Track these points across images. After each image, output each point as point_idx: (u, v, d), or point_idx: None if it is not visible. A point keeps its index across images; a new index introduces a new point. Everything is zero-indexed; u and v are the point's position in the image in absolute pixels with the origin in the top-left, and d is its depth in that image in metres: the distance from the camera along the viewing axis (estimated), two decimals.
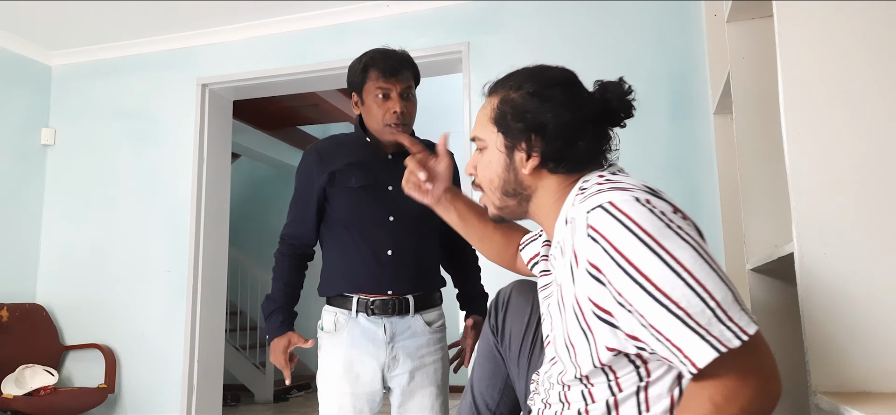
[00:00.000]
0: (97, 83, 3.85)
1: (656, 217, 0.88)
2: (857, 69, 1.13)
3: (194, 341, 3.41)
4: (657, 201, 0.90)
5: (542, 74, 1.11)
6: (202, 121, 3.60)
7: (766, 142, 1.71)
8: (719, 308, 0.83)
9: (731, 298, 0.83)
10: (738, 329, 0.82)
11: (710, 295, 0.83)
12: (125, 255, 3.61)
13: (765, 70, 1.73)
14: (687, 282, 0.84)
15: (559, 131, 1.06)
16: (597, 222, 0.90)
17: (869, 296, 1.08)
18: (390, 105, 1.70)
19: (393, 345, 1.71)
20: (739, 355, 0.83)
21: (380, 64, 1.70)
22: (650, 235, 0.86)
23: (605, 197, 0.91)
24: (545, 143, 1.06)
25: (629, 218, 0.88)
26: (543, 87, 1.08)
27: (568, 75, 1.11)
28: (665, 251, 0.85)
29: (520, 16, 3.10)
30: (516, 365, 1.34)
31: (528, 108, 1.07)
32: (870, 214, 1.09)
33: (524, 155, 1.08)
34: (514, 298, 1.38)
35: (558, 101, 1.07)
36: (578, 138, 1.06)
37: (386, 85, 1.70)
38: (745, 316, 0.83)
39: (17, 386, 3.17)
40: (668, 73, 2.85)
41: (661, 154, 2.80)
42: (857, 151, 1.11)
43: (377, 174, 1.76)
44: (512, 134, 1.09)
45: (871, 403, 0.96)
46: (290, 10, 3.40)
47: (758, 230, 1.70)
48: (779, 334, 1.60)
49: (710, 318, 0.82)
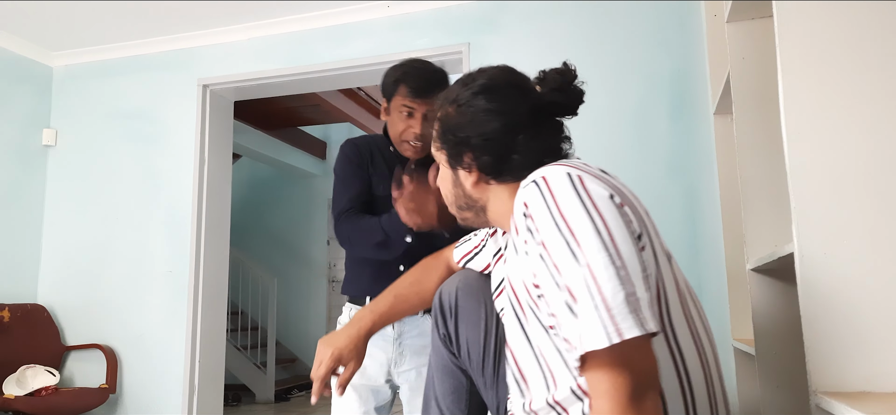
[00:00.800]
0: (98, 84, 3.86)
1: (577, 195, 0.84)
2: (858, 69, 1.13)
3: (195, 341, 3.42)
4: (592, 183, 0.86)
5: (468, 83, 1.06)
6: (203, 121, 3.60)
7: (766, 142, 1.71)
8: (603, 305, 0.78)
9: (621, 300, 0.78)
10: (614, 330, 0.77)
11: (598, 288, 0.78)
12: (126, 255, 3.61)
13: (765, 70, 1.73)
14: (580, 265, 0.80)
15: (485, 145, 1.01)
16: (527, 195, 0.88)
17: (869, 296, 1.08)
18: (412, 124, 1.70)
19: (400, 342, 1.74)
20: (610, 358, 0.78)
21: (411, 82, 1.70)
22: (560, 211, 0.83)
23: (542, 173, 0.88)
24: (483, 154, 1.03)
25: (550, 190, 0.85)
26: (467, 99, 1.03)
27: (495, 79, 1.05)
28: (570, 231, 0.82)
29: (520, 16, 3.11)
30: (481, 375, 1.23)
31: (455, 123, 1.04)
32: (870, 214, 1.09)
33: (466, 170, 1.05)
34: (463, 303, 1.23)
35: (481, 110, 1.02)
36: (509, 146, 1.01)
37: (412, 104, 1.70)
38: (630, 320, 0.77)
39: (18, 386, 3.17)
40: (668, 73, 2.85)
41: (661, 154, 2.80)
42: (857, 151, 1.11)
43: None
44: (454, 150, 1.06)
45: (871, 403, 0.96)
46: (291, 10, 3.40)
47: (758, 230, 1.71)
48: (779, 334, 1.60)
49: (591, 310, 0.78)
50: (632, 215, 0.87)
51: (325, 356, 1.27)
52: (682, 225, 2.72)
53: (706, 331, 0.99)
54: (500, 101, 1.02)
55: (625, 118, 2.86)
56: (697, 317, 0.98)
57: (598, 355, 0.79)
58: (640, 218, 0.90)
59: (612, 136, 2.84)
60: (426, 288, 1.38)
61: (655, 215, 1.06)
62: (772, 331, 1.62)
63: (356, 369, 1.29)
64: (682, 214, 2.73)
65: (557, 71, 1.04)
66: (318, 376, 1.27)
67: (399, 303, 1.36)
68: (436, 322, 1.29)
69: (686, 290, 0.98)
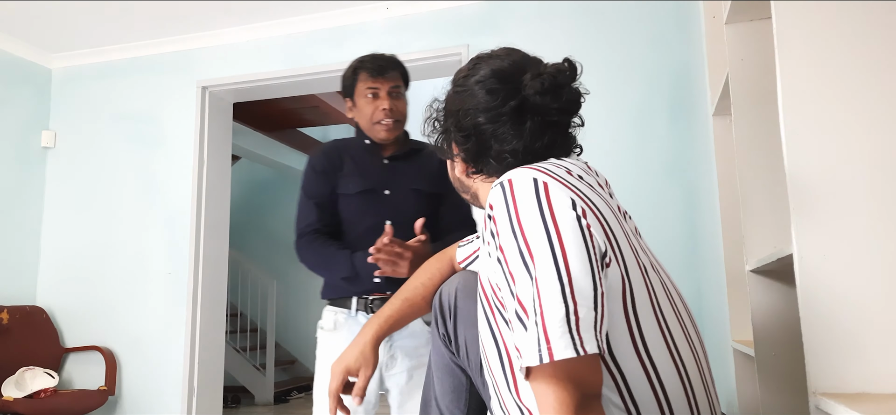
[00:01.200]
0: (97, 86, 3.86)
1: (537, 204, 0.83)
2: (856, 71, 1.13)
3: (195, 342, 3.41)
4: (557, 191, 0.84)
5: (472, 68, 1.03)
6: (202, 123, 3.60)
7: (765, 143, 1.71)
8: (541, 323, 0.77)
9: (559, 318, 0.77)
10: (547, 351, 0.76)
11: (540, 304, 0.78)
12: (125, 257, 3.61)
13: (764, 72, 1.73)
14: (531, 278, 0.80)
15: (466, 137, 1.00)
16: (492, 197, 0.87)
17: (868, 297, 1.08)
18: (379, 103, 1.77)
19: (391, 344, 1.73)
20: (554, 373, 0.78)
21: (368, 65, 1.79)
22: (519, 219, 0.83)
23: (509, 175, 0.87)
24: (458, 146, 1.02)
25: (513, 195, 0.84)
26: (463, 87, 1.02)
27: (494, 70, 1.01)
28: (524, 241, 0.81)
29: (518, 18, 3.11)
30: (480, 375, 1.22)
31: (446, 109, 1.03)
32: (869, 215, 1.09)
33: (455, 157, 1.06)
34: (462, 303, 1.23)
35: (470, 103, 1.00)
36: (487, 142, 0.99)
37: (375, 84, 1.77)
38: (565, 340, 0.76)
39: (17, 388, 3.17)
40: (667, 74, 2.86)
41: (660, 156, 2.80)
42: (856, 153, 1.11)
43: (374, 180, 1.80)
44: (447, 138, 1.06)
45: (869, 404, 0.96)
46: (290, 12, 3.40)
47: (757, 232, 1.71)
48: (778, 336, 1.60)
49: (532, 325, 0.78)
50: (596, 230, 0.84)
51: (336, 371, 1.27)
52: (680, 227, 2.72)
53: (688, 339, 0.96)
54: (488, 95, 0.99)
55: (624, 119, 2.86)
56: (678, 325, 0.95)
57: (543, 368, 0.78)
58: (608, 230, 0.87)
59: (611, 137, 2.83)
60: (433, 291, 1.36)
61: (654, 217, 1.06)
62: (771, 332, 1.62)
63: (370, 374, 1.28)
64: (681, 216, 2.73)
65: (554, 69, 1.00)
66: (330, 392, 1.26)
67: (407, 307, 1.34)
68: (436, 322, 1.28)
69: (667, 297, 0.95)
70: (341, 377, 1.26)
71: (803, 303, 1.11)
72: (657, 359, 0.89)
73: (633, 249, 0.92)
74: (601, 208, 0.88)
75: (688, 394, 0.91)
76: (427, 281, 1.36)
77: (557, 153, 1.01)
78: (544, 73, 0.99)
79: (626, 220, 0.98)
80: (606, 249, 0.85)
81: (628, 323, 0.87)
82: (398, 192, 1.81)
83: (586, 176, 0.94)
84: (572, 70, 1.01)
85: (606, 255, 0.85)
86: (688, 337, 0.96)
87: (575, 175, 0.91)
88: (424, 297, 1.34)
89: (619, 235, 0.89)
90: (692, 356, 0.95)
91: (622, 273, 0.87)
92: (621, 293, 0.86)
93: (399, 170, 1.84)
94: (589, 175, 0.96)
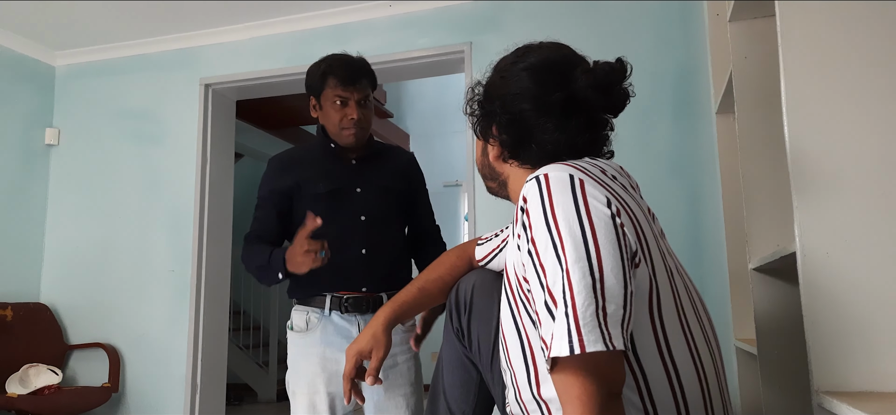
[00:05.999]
0: (101, 83, 3.86)
1: (573, 200, 0.84)
2: (860, 68, 1.13)
3: (198, 340, 3.42)
4: (592, 189, 0.85)
5: (520, 57, 1.04)
6: (205, 121, 3.61)
7: (768, 141, 1.71)
8: (574, 315, 0.78)
9: (591, 313, 0.78)
10: (578, 342, 0.77)
11: (572, 297, 0.79)
12: (129, 254, 3.62)
13: (767, 69, 1.73)
14: (562, 271, 0.81)
15: (510, 124, 1.01)
16: (527, 190, 0.88)
17: (872, 295, 1.08)
18: (348, 112, 1.75)
19: None
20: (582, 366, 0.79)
21: (339, 72, 1.76)
22: (553, 213, 0.83)
23: (545, 170, 0.88)
24: (499, 132, 1.03)
25: (548, 189, 0.85)
26: (510, 73, 1.02)
27: (544, 60, 1.02)
28: (558, 235, 0.82)
29: (522, 16, 3.11)
30: (490, 370, 1.25)
31: (492, 94, 1.03)
32: (872, 213, 1.09)
33: (491, 142, 1.06)
34: (477, 300, 1.24)
35: (517, 88, 1.00)
36: (531, 132, 0.99)
37: (344, 93, 1.76)
38: (595, 334, 0.77)
39: (21, 385, 3.18)
40: (670, 72, 2.85)
41: (664, 154, 2.80)
42: (860, 150, 1.11)
43: (344, 179, 1.80)
44: (483, 121, 1.06)
45: (873, 402, 0.96)
46: (293, 9, 3.40)
47: (760, 230, 1.70)
48: (781, 334, 1.60)
49: (562, 317, 0.79)
50: (629, 230, 0.85)
51: (349, 355, 1.29)
52: (684, 224, 2.71)
53: (707, 342, 0.97)
54: (537, 84, 0.99)
55: (627, 117, 2.82)
56: (699, 328, 0.96)
57: (570, 361, 0.79)
58: (639, 231, 0.88)
59: (614, 134, 2.82)
60: (449, 284, 1.37)
61: (657, 214, 1.05)
62: (774, 331, 1.62)
63: (383, 355, 1.29)
64: (685, 214, 2.73)
65: (607, 66, 1.00)
66: (344, 375, 1.29)
67: (423, 296, 1.36)
68: (450, 316, 1.30)
69: (690, 300, 0.97)
70: (354, 360, 1.28)
71: (806, 301, 1.11)
72: (679, 361, 0.90)
73: (661, 251, 0.93)
74: (634, 209, 0.89)
75: (705, 397, 0.92)
76: (444, 274, 1.37)
77: (594, 153, 1.03)
78: (597, 69, 0.99)
79: (654, 222, 0.99)
80: (637, 250, 0.86)
81: (653, 324, 0.88)
82: (370, 190, 1.81)
83: (620, 177, 0.95)
84: (623, 70, 1.01)
85: (636, 255, 0.86)
86: (707, 340, 0.97)
87: (609, 175, 0.92)
88: (441, 289, 1.36)
89: (649, 236, 0.90)
90: (711, 360, 0.96)
91: (650, 274, 0.88)
92: (648, 294, 0.87)
93: (367, 169, 1.84)
94: (622, 177, 0.97)
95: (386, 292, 1.76)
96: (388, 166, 1.88)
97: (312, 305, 1.76)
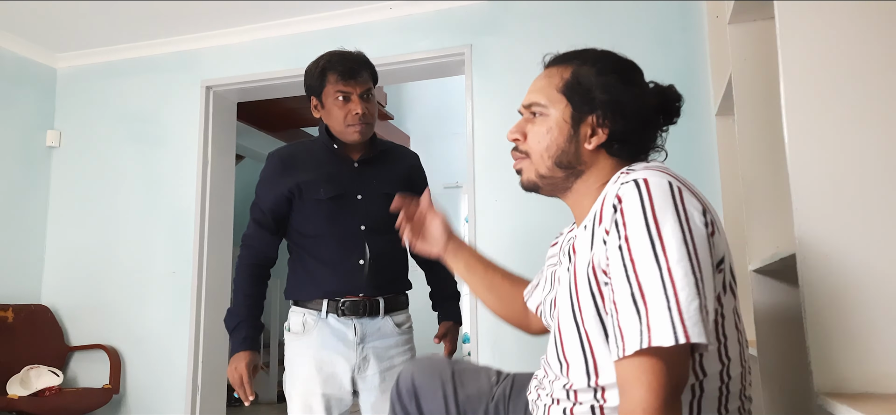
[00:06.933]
0: (102, 85, 3.87)
1: (674, 206, 0.89)
2: (859, 71, 1.13)
3: (199, 341, 3.42)
4: (690, 199, 0.92)
5: (618, 58, 1.13)
6: (206, 123, 3.61)
7: (767, 143, 1.71)
8: (677, 307, 0.84)
9: (695, 307, 0.84)
10: (682, 332, 0.83)
11: (675, 291, 0.85)
12: (130, 256, 3.62)
13: (766, 72, 1.73)
14: (660, 268, 0.86)
15: (635, 114, 1.07)
16: (624, 191, 0.92)
17: (871, 297, 1.08)
18: (351, 107, 1.71)
19: (363, 346, 1.71)
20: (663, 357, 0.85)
21: (338, 67, 1.72)
22: (655, 216, 0.88)
23: (643, 175, 0.93)
24: (618, 122, 1.07)
25: (650, 193, 0.90)
26: (623, 70, 1.10)
27: (637, 65, 1.13)
28: (659, 236, 0.87)
29: (522, 18, 3.11)
30: None
31: (593, 82, 1.08)
32: (872, 215, 1.09)
33: (590, 130, 1.08)
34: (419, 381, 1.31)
35: (637, 85, 1.09)
36: (646, 125, 1.09)
37: (346, 88, 1.72)
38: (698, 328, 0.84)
39: (22, 387, 3.18)
40: (669, 74, 2.81)
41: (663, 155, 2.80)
42: (859, 153, 1.11)
43: (346, 184, 1.76)
44: (583, 107, 1.08)
45: (873, 404, 0.96)
46: (294, 12, 3.41)
47: (760, 232, 1.71)
48: (781, 336, 1.60)
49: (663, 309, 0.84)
50: (718, 239, 0.94)
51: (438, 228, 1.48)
52: None
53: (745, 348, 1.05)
54: (635, 84, 1.09)
55: None
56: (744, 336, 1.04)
57: (660, 351, 0.85)
58: (724, 242, 0.96)
59: None
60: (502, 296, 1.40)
61: None
62: (774, 332, 1.62)
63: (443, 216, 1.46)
64: None
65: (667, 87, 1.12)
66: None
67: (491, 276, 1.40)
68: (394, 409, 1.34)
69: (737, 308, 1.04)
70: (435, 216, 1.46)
71: (806, 303, 1.11)
72: (732, 368, 0.98)
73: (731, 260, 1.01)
74: (718, 219, 0.97)
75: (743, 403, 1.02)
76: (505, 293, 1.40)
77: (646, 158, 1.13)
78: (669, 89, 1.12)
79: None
80: (723, 258, 0.95)
81: (717, 330, 0.96)
82: (371, 196, 1.77)
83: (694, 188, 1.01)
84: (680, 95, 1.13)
85: (722, 264, 0.95)
86: (745, 345, 1.06)
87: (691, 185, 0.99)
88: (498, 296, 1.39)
89: (727, 246, 0.98)
90: (748, 367, 1.05)
91: (726, 282, 0.97)
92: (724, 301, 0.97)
93: (369, 174, 1.80)
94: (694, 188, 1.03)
95: (383, 297, 1.75)
96: (391, 171, 1.84)
97: (309, 308, 1.75)
